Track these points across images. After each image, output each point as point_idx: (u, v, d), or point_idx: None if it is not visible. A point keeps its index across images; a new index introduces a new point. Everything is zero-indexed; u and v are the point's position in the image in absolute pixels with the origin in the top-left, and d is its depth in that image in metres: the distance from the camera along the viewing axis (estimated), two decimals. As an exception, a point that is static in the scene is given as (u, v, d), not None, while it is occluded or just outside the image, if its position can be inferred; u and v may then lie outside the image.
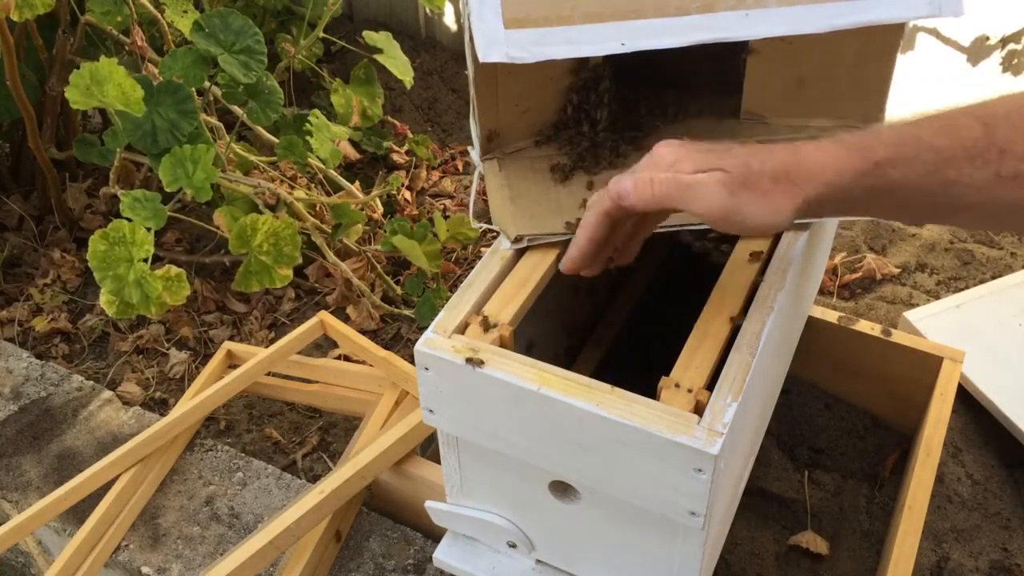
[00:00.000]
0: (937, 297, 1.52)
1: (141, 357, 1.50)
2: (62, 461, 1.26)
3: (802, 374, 1.30)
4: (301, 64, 1.74)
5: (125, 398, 1.39)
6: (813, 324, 1.22)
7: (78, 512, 1.17)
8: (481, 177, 0.93)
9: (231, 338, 1.50)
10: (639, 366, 1.14)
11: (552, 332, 1.08)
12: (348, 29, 2.16)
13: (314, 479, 1.26)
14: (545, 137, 0.95)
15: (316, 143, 1.44)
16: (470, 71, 0.85)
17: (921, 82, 1.79)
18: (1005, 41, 1.73)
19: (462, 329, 0.77)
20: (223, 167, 1.38)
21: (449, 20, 2.18)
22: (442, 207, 1.78)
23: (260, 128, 1.54)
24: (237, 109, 1.42)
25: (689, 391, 0.70)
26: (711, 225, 0.68)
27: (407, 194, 1.79)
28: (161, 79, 1.31)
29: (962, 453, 1.27)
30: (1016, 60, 1.75)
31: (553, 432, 0.73)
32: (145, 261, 1.20)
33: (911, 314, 1.39)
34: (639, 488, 0.72)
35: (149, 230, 1.21)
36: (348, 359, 1.41)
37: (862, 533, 1.18)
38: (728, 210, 0.65)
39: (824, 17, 0.79)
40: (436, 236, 1.43)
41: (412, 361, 0.83)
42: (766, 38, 0.80)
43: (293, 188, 1.54)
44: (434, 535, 1.13)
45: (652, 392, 0.71)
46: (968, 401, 1.30)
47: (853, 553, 1.16)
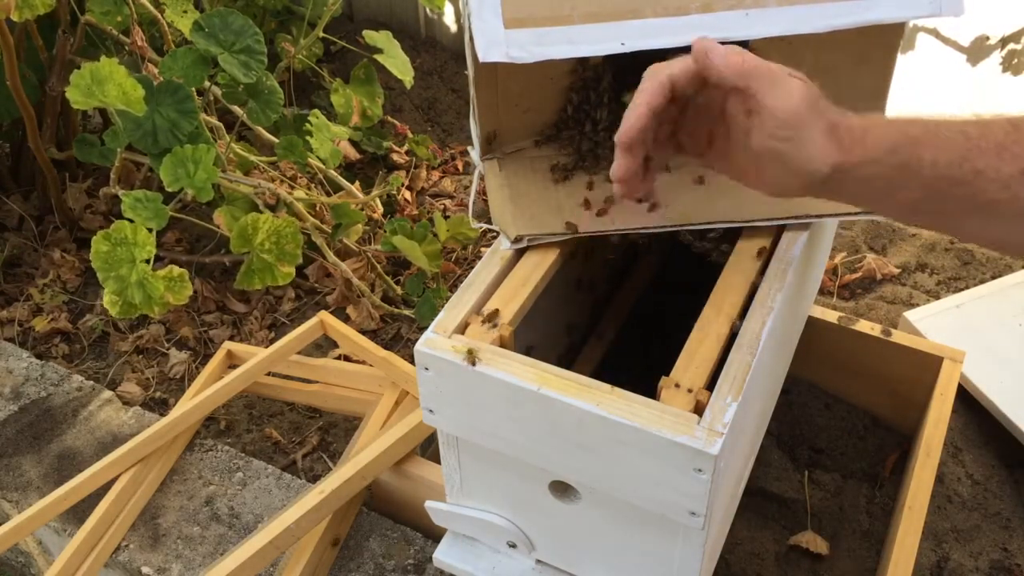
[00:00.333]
0: (937, 297, 1.52)
1: (141, 357, 1.50)
2: (62, 461, 1.27)
3: (802, 374, 1.30)
4: (301, 64, 1.74)
5: (125, 398, 1.39)
6: (813, 324, 1.22)
7: (78, 512, 1.17)
8: (481, 177, 0.93)
9: (231, 338, 1.50)
10: (639, 366, 1.14)
11: (552, 332, 1.08)
12: (348, 29, 2.16)
13: (314, 479, 1.26)
14: (545, 137, 0.95)
15: (316, 143, 1.44)
16: (470, 71, 0.85)
17: (921, 82, 1.79)
18: (1005, 41, 1.73)
19: (462, 329, 0.77)
20: (223, 167, 1.38)
21: (449, 20, 2.18)
22: (442, 207, 1.78)
23: (260, 128, 1.54)
24: (237, 109, 1.42)
25: (689, 391, 0.70)
26: (771, 130, 0.64)
27: (407, 194, 1.79)
28: (161, 79, 1.31)
29: (962, 453, 1.26)
30: (1016, 60, 1.75)
31: (553, 432, 0.73)
32: (147, 262, 1.20)
33: (911, 314, 1.39)
34: (639, 488, 0.72)
35: (151, 231, 1.21)
36: (348, 359, 1.41)
37: (862, 533, 1.18)
38: (799, 119, 0.63)
39: (824, 17, 0.79)
40: (436, 236, 1.43)
41: (412, 361, 0.83)
42: (766, 38, 0.80)
43: (293, 188, 1.55)
44: (434, 535, 1.13)
45: (652, 392, 0.71)
46: (968, 401, 1.30)
47: (853, 553, 1.16)
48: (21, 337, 1.53)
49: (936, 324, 1.37)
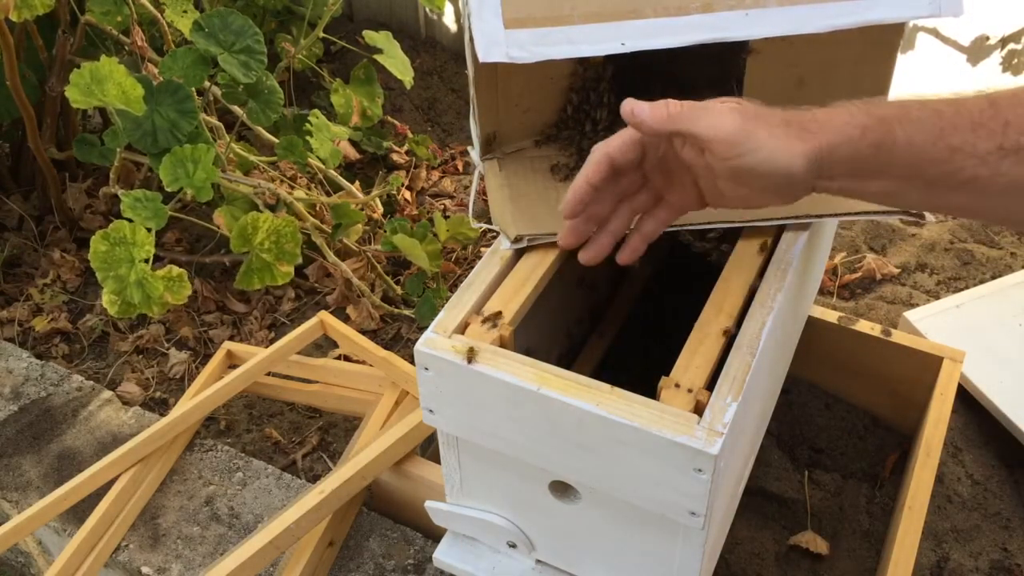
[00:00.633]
0: (937, 297, 1.52)
1: (141, 357, 1.50)
2: (62, 461, 1.27)
3: (802, 374, 1.30)
4: (301, 64, 1.74)
5: (125, 398, 1.39)
6: (813, 324, 1.22)
7: (78, 512, 1.17)
8: (481, 177, 0.93)
9: (231, 338, 1.50)
10: (639, 366, 1.14)
11: (552, 332, 1.08)
12: (348, 29, 2.16)
13: (314, 479, 1.26)
14: (545, 137, 0.95)
15: (316, 143, 1.44)
16: (470, 71, 0.85)
17: (921, 82, 1.79)
18: (1005, 41, 1.73)
19: (462, 329, 0.77)
20: (223, 167, 1.38)
21: (449, 20, 2.18)
22: (442, 207, 1.78)
23: (260, 128, 1.54)
24: (237, 109, 1.42)
25: (689, 391, 0.70)
26: (722, 155, 0.66)
27: (407, 194, 1.79)
28: (161, 79, 1.31)
29: (962, 453, 1.27)
30: (1016, 60, 1.75)
31: (553, 432, 0.73)
32: (146, 261, 1.20)
33: (911, 314, 1.39)
34: (639, 488, 0.72)
35: (150, 230, 1.21)
36: (348, 359, 1.41)
37: (862, 533, 1.18)
38: (740, 134, 0.65)
39: (824, 17, 0.79)
40: (436, 236, 1.43)
41: (412, 361, 0.83)
42: (766, 38, 0.80)
43: (293, 188, 1.55)
44: (434, 535, 1.13)
45: (652, 392, 0.71)
46: (968, 401, 1.30)
47: (853, 553, 1.16)
48: (21, 337, 1.53)
49: (936, 324, 1.37)
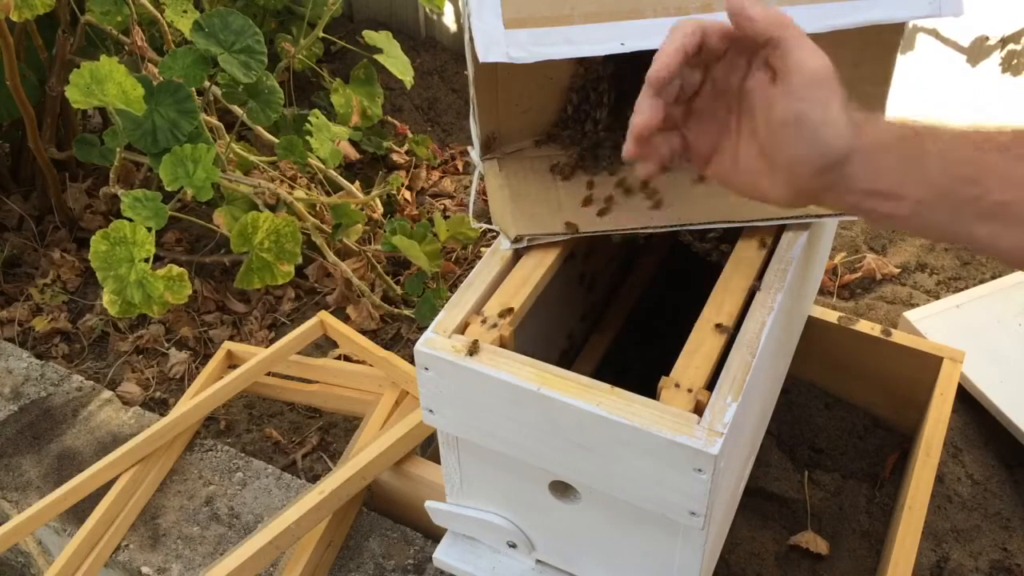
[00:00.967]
0: (937, 297, 1.52)
1: (141, 357, 1.50)
2: (62, 461, 1.26)
3: (802, 374, 1.30)
4: (301, 64, 1.74)
5: (125, 398, 1.39)
6: (813, 324, 1.22)
7: (78, 512, 1.17)
8: (481, 177, 0.93)
9: (231, 338, 1.50)
10: (639, 366, 1.14)
11: (552, 332, 1.08)
12: (348, 29, 2.16)
13: (314, 479, 1.26)
14: (545, 137, 0.95)
15: (316, 143, 1.44)
16: (470, 71, 0.85)
17: (921, 82, 1.78)
18: (1005, 41, 1.73)
19: (462, 329, 0.77)
20: (223, 167, 1.38)
21: (449, 20, 2.18)
22: (442, 207, 1.78)
23: (260, 128, 1.54)
24: (237, 109, 1.42)
25: (689, 391, 0.70)
26: (797, 88, 0.62)
27: (407, 194, 1.79)
28: (161, 79, 1.31)
29: (962, 453, 1.26)
30: (1016, 60, 1.75)
31: (553, 432, 0.73)
32: (146, 261, 1.20)
33: (911, 314, 1.39)
34: (639, 488, 0.72)
35: (150, 230, 1.21)
36: (348, 359, 1.41)
37: (862, 533, 1.18)
38: (824, 80, 0.63)
39: (823, 17, 0.79)
40: (436, 236, 1.43)
41: (412, 361, 0.83)
42: (766, 38, 0.80)
43: (293, 188, 1.54)
44: (434, 535, 1.13)
45: (652, 392, 0.71)
46: (968, 401, 1.30)
47: (853, 553, 1.16)
48: (21, 337, 1.53)
49: (936, 324, 1.37)
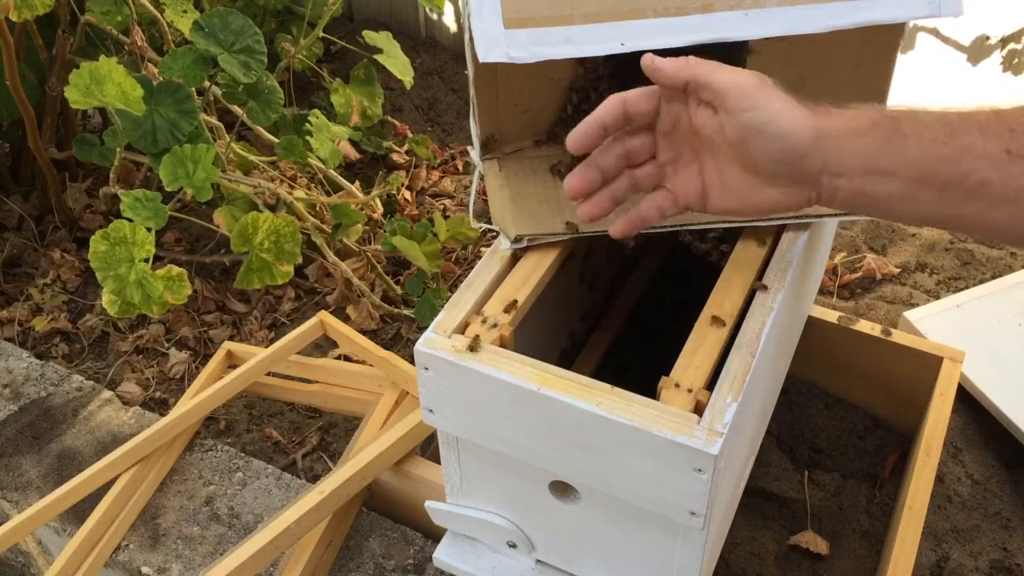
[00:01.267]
0: (937, 297, 1.52)
1: (141, 357, 1.50)
2: (62, 461, 1.27)
3: (802, 374, 1.30)
4: (301, 64, 1.74)
5: (125, 398, 1.39)
6: (813, 324, 1.22)
7: (78, 512, 1.17)
8: (481, 177, 0.93)
9: (231, 338, 1.50)
10: (639, 366, 1.14)
11: (552, 332, 1.08)
12: (348, 29, 2.16)
13: (314, 479, 1.26)
14: (545, 137, 0.95)
15: (316, 143, 1.44)
16: (470, 71, 0.85)
17: (921, 82, 1.79)
18: (1005, 41, 1.73)
19: (462, 329, 0.77)
20: (223, 167, 1.38)
21: (449, 20, 2.18)
22: (442, 207, 1.78)
23: (260, 128, 1.54)
24: (237, 109, 1.42)
25: (689, 391, 0.70)
26: (735, 107, 0.66)
27: (407, 194, 1.79)
28: (161, 79, 1.31)
29: (962, 453, 1.27)
30: (1016, 60, 1.75)
31: (553, 432, 0.73)
32: (146, 261, 1.20)
33: (911, 314, 1.39)
34: (639, 488, 0.72)
35: (150, 230, 1.21)
36: (348, 359, 1.41)
37: (862, 533, 1.18)
38: (755, 88, 0.66)
39: (823, 17, 0.79)
40: (436, 236, 1.43)
41: (412, 361, 0.83)
42: (766, 38, 0.80)
43: (293, 188, 1.54)
44: (434, 535, 1.13)
45: (652, 392, 0.71)
46: (968, 401, 1.30)
47: (853, 553, 1.16)
48: (21, 337, 1.53)
49: (936, 324, 1.37)
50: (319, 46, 1.97)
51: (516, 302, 0.79)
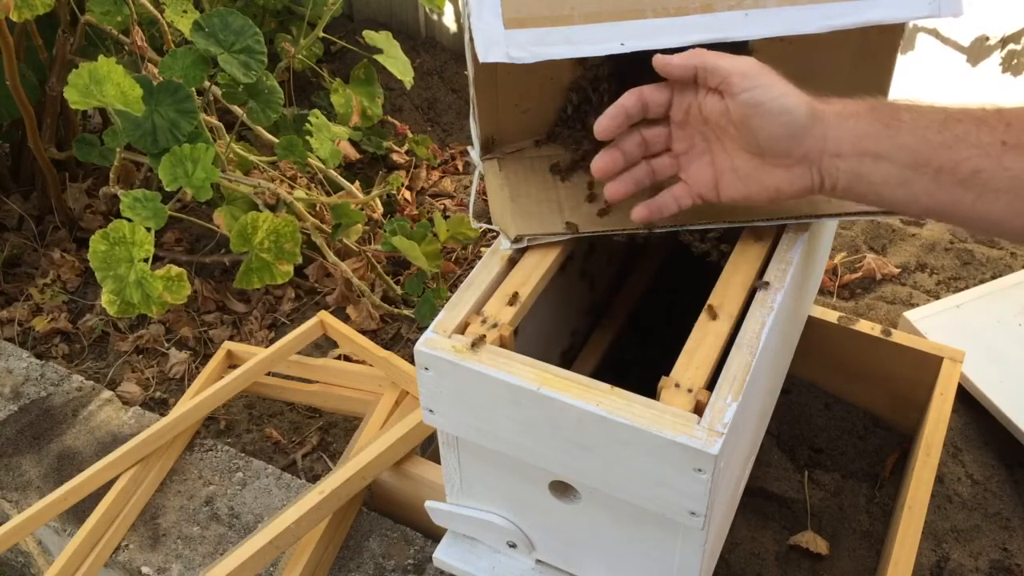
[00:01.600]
0: (937, 297, 1.52)
1: (141, 357, 1.50)
2: (62, 461, 1.27)
3: (802, 374, 1.30)
4: (301, 64, 1.74)
5: (125, 398, 1.39)
6: (813, 324, 1.22)
7: (78, 512, 1.17)
8: (481, 177, 0.93)
9: (231, 338, 1.50)
10: (639, 366, 1.14)
11: (553, 331, 1.08)
12: (348, 29, 2.16)
13: (314, 479, 1.26)
14: (545, 137, 0.95)
15: (316, 143, 1.44)
16: (470, 71, 0.85)
17: (921, 82, 1.79)
18: (1005, 41, 1.73)
19: (462, 329, 0.77)
20: (223, 167, 1.38)
21: (449, 20, 2.18)
22: (442, 207, 1.78)
23: (260, 128, 1.54)
24: (237, 109, 1.42)
25: (689, 391, 0.70)
26: (738, 87, 0.71)
27: (407, 194, 1.79)
28: (161, 79, 1.31)
29: (962, 453, 1.27)
30: (1016, 60, 1.75)
31: (553, 432, 0.73)
32: (145, 261, 1.20)
33: (911, 314, 1.39)
34: (639, 488, 0.72)
35: (149, 230, 1.21)
36: (348, 359, 1.41)
37: (862, 533, 1.18)
38: (757, 68, 0.71)
39: (823, 17, 0.79)
40: (436, 236, 1.43)
41: (412, 361, 0.83)
42: (765, 38, 0.80)
43: (293, 188, 1.54)
44: (434, 535, 1.13)
45: (652, 392, 0.71)
46: (968, 401, 1.30)
47: (853, 553, 1.16)
48: (21, 337, 1.53)
49: (936, 324, 1.37)
50: (319, 46, 1.97)
51: (516, 302, 0.79)
